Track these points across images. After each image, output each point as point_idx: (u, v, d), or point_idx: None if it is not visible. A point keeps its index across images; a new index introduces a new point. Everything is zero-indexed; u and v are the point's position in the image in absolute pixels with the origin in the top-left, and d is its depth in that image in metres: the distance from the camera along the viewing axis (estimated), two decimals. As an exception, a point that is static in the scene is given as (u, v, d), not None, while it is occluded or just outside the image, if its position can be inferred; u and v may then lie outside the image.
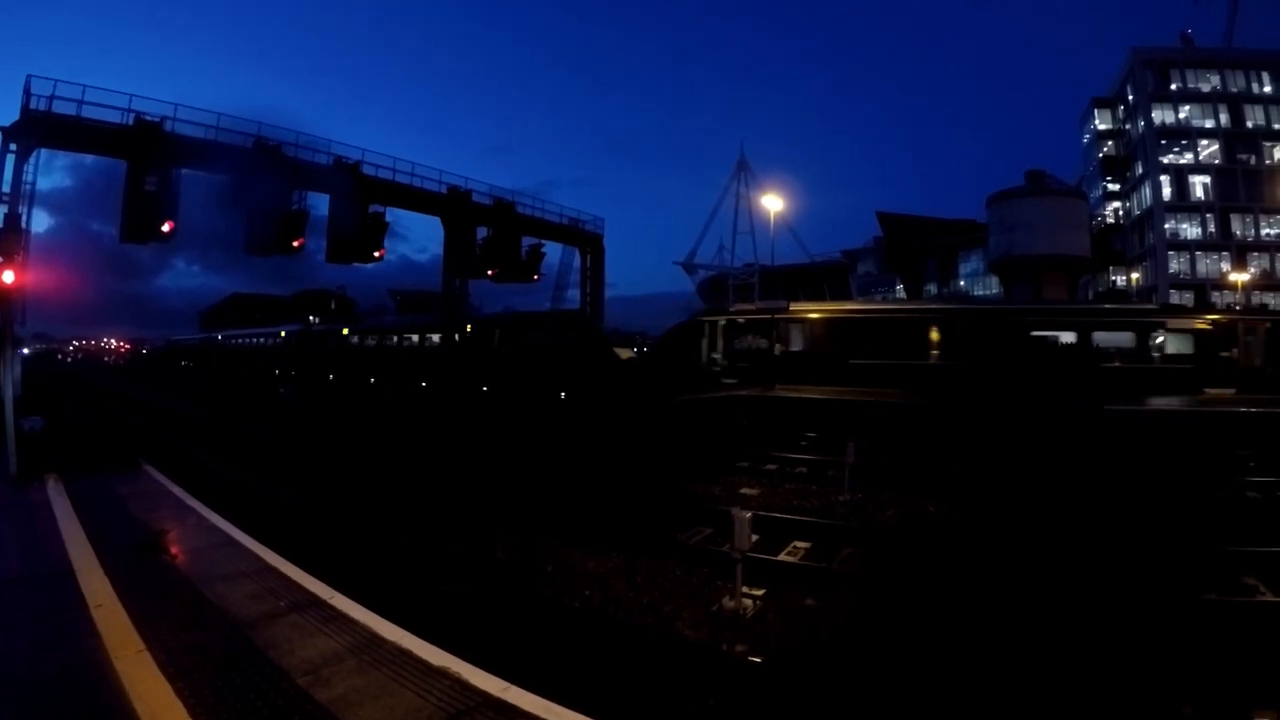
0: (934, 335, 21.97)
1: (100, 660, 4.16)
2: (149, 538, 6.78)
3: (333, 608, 4.99)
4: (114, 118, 20.70)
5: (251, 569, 5.83)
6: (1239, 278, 52.05)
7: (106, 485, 9.26)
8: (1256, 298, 51.95)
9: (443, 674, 4.06)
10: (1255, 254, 56.87)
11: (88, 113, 20.53)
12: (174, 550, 6.45)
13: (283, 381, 38.61)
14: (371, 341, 36.77)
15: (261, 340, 54.46)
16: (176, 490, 9.04)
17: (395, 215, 33.88)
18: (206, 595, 5.23)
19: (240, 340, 60.30)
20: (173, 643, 4.40)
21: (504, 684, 3.93)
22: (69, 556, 6.13)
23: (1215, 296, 53.11)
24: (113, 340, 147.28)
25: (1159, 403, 17.17)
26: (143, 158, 20.21)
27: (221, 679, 3.96)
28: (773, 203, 33.70)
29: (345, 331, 38.57)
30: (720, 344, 24.41)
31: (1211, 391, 19.15)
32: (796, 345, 23.43)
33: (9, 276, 12.16)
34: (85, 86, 20.58)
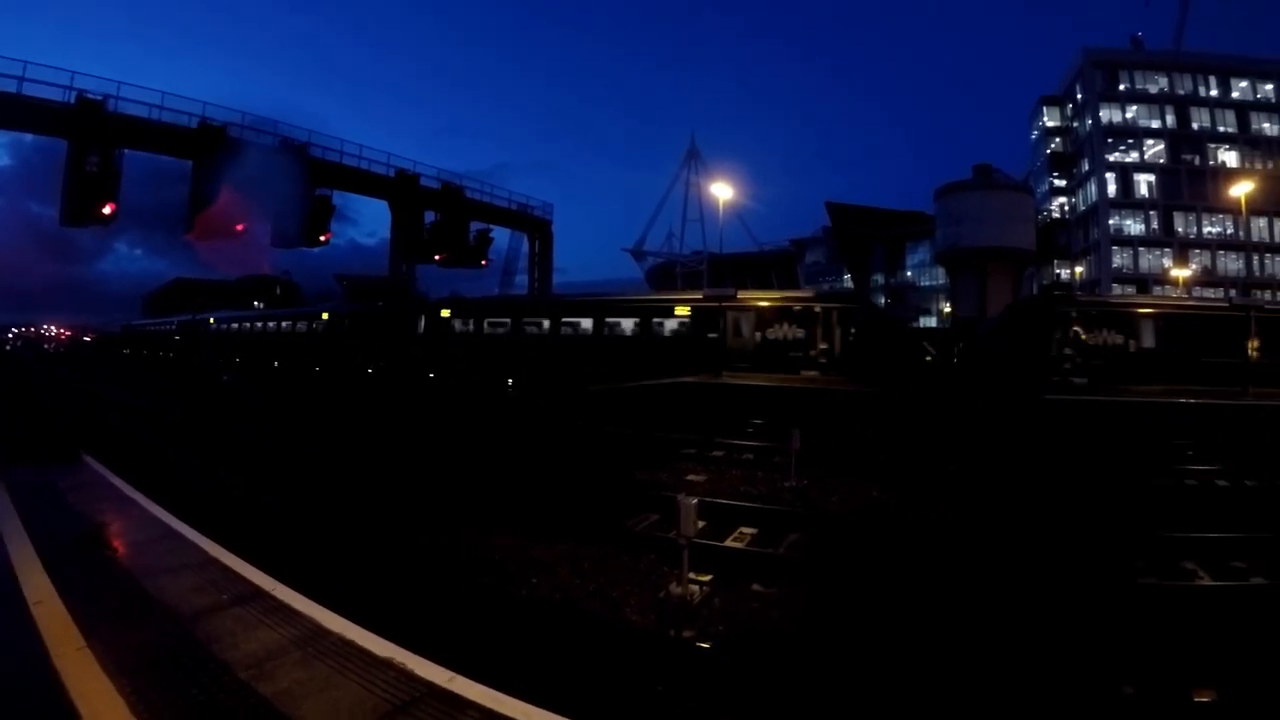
0: None
1: (39, 658, 4.11)
2: (90, 531, 6.66)
3: (275, 599, 4.98)
4: (56, 95, 19.95)
5: (194, 561, 5.77)
6: (1181, 274, 54.29)
7: (45, 477, 9.02)
8: (1197, 293, 54.14)
9: (388, 665, 4.09)
10: (1196, 251, 59.34)
11: (29, 90, 19.74)
12: (115, 543, 6.35)
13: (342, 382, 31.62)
14: (490, 327, 29.55)
15: (289, 325, 42.80)
16: (118, 482, 8.85)
17: (343, 198, 32.70)
18: (148, 589, 5.17)
19: (249, 325, 48.43)
20: (114, 639, 4.35)
21: (449, 674, 3.98)
22: (7, 551, 5.99)
23: (1157, 291, 55.17)
24: (53, 327, 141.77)
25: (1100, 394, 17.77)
26: (84, 137, 19.54)
27: (164, 674, 3.95)
28: (722, 191, 33.96)
29: (445, 313, 30.81)
30: (1078, 336, 21.87)
31: None
32: (1150, 342, 21.96)
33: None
34: (26, 63, 19.79)
